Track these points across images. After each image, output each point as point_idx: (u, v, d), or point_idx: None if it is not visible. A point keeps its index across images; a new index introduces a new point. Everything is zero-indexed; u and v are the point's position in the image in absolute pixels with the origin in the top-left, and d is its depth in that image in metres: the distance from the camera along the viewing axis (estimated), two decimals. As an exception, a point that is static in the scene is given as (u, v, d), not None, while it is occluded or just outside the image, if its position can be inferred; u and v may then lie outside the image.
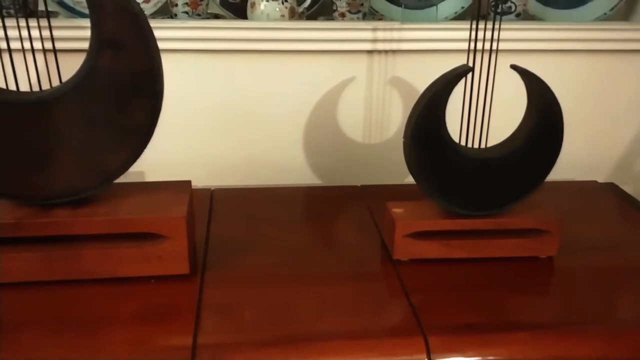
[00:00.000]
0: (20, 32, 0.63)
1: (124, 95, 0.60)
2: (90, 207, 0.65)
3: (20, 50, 0.62)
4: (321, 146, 0.98)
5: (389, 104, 0.96)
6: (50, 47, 0.63)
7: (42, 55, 0.64)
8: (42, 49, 0.63)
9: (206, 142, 0.95)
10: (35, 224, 0.62)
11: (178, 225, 0.65)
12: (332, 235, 0.82)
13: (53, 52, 0.63)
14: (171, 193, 0.70)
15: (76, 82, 0.60)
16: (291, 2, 0.93)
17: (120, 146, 0.63)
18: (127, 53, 0.58)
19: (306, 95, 0.94)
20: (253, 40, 0.89)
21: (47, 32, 0.64)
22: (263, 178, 0.98)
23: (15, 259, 0.63)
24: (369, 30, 0.89)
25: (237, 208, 0.87)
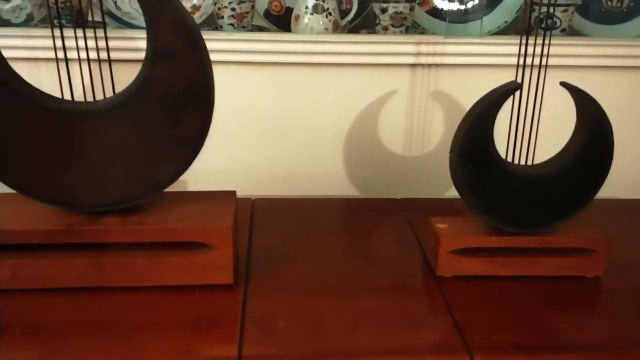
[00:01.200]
0: (76, 42, 0.65)
1: (177, 107, 0.61)
2: (138, 215, 0.66)
3: (74, 60, 0.64)
4: (361, 158, 0.98)
5: (431, 117, 0.95)
6: (96, 56, 0.64)
7: (97, 65, 0.65)
8: (98, 59, 0.65)
9: (247, 152, 0.96)
10: (86, 231, 0.64)
11: (224, 235, 0.65)
12: (372, 248, 0.82)
13: (108, 62, 0.64)
14: (217, 203, 0.70)
15: (130, 93, 0.61)
16: (335, 16, 0.94)
17: (171, 156, 0.64)
18: (181, 65, 0.59)
19: (348, 107, 0.94)
20: (297, 53, 0.89)
21: (93, 42, 0.65)
22: (302, 188, 0.99)
23: (66, 265, 0.65)
24: (413, 44, 0.89)
25: (277, 218, 0.88)
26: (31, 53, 0.90)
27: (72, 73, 0.90)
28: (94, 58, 0.65)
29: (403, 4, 0.93)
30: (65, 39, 0.79)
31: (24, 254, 0.65)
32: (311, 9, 0.93)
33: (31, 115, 0.61)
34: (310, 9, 0.93)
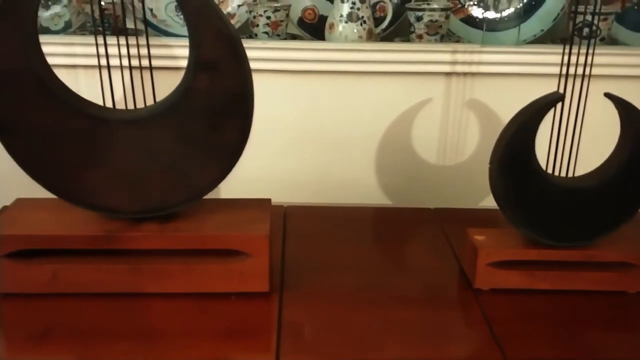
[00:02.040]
0: (119, 50, 0.65)
1: (217, 116, 0.62)
2: (176, 222, 0.67)
3: (113, 67, 0.65)
4: (393, 166, 0.97)
5: (465, 127, 0.94)
6: (137, 64, 0.65)
7: (135, 72, 0.66)
8: (139, 67, 0.66)
9: (278, 159, 0.97)
10: (125, 238, 0.65)
11: (261, 243, 0.65)
12: (407, 258, 0.81)
13: (149, 69, 0.65)
14: (253, 211, 0.71)
15: (172, 101, 0.61)
16: (369, 24, 0.94)
17: (210, 164, 0.64)
18: (222, 75, 0.60)
19: (381, 115, 0.94)
20: (331, 61, 0.89)
21: (133, 49, 0.66)
22: (333, 196, 0.98)
23: (105, 271, 0.65)
24: (449, 52, 0.89)
25: (310, 226, 0.88)
26: (70, 60, 0.91)
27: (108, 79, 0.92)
28: (132, 65, 0.66)
29: (438, 12, 0.93)
30: (100, 46, 0.80)
31: (64, 259, 0.66)
32: (346, 17, 0.93)
33: (75, 122, 0.61)
34: (345, 17, 0.93)
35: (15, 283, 0.65)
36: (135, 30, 0.79)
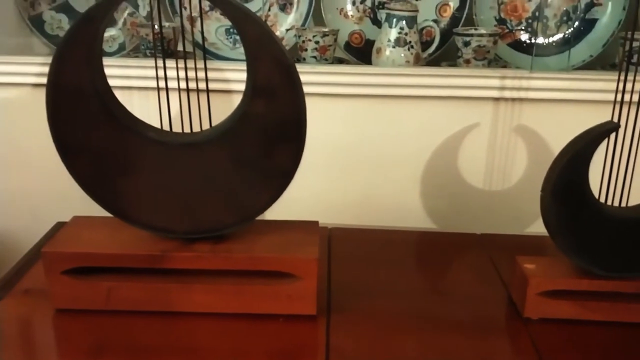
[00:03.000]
0: (177, 73, 0.68)
1: (271, 140, 0.63)
2: (228, 243, 0.68)
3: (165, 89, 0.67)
4: (439, 190, 0.97)
5: (513, 152, 0.94)
6: (188, 86, 0.67)
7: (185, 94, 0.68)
8: (196, 90, 0.68)
9: (323, 180, 0.98)
10: (179, 257, 0.66)
11: (310, 266, 0.66)
12: (453, 284, 0.81)
13: (206, 92, 0.67)
14: (301, 233, 0.71)
15: (228, 126, 0.63)
16: (417, 49, 0.94)
17: (263, 187, 0.65)
18: (278, 101, 0.61)
19: (428, 139, 0.94)
20: (379, 85, 0.90)
21: (183, 71, 0.68)
22: (377, 218, 0.99)
23: (159, 289, 0.67)
24: (497, 78, 0.88)
25: (354, 249, 0.88)
26: (125, 82, 0.94)
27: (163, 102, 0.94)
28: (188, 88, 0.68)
29: (486, 37, 0.93)
30: (159, 69, 0.83)
31: (119, 277, 0.67)
32: (393, 42, 0.94)
33: (134, 144, 0.64)
34: (393, 42, 0.94)
35: (72, 299, 0.67)
36: (186, 53, 0.81)
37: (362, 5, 1.04)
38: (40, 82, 0.95)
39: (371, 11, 1.05)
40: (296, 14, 1.04)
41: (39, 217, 1.03)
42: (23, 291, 0.73)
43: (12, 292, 0.72)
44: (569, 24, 1.00)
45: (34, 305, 0.70)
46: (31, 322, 0.68)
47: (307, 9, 1.02)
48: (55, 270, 0.66)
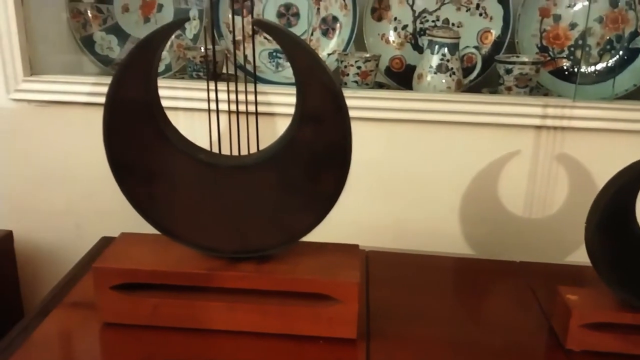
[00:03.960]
0: (228, 95, 0.70)
1: (317, 165, 0.64)
2: (271, 264, 0.69)
3: (212, 111, 0.69)
4: (477, 216, 0.97)
5: (555, 181, 0.93)
6: (233, 108, 0.69)
7: (240, 117, 0.70)
8: (246, 112, 0.70)
9: (361, 202, 0.98)
10: (224, 276, 0.68)
11: (351, 290, 0.67)
12: (491, 312, 0.80)
13: (255, 115, 0.69)
14: (342, 256, 0.72)
15: (276, 150, 0.65)
16: (458, 75, 0.95)
17: (307, 210, 0.67)
18: (325, 127, 0.63)
19: (467, 164, 0.95)
20: (420, 111, 0.91)
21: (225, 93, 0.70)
22: (414, 243, 0.99)
23: (203, 307, 0.68)
24: (540, 106, 0.89)
25: (392, 273, 0.89)
26: (171, 102, 0.97)
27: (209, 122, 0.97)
28: (234, 110, 0.70)
29: (529, 65, 0.93)
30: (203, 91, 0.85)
31: (164, 293, 0.69)
32: (435, 69, 0.95)
33: (184, 165, 0.66)
34: (435, 68, 0.95)
35: (118, 313, 0.69)
36: (231, 76, 0.83)
37: (403, 31, 1.06)
38: (91, 101, 0.98)
39: (412, 37, 1.06)
40: (338, 38, 1.06)
41: (83, 231, 1.07)
42: (71, 304, 0.75)
43: (61, 305, 0.75)
44: (612, 52, 1.00)
45: (81, 318, 0.72)
46: (79, 334, 0.70)
47: (349, 35, 1.04)
48: (104, 285, 0.68)
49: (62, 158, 1.03)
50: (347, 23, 1.04)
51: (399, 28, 1.06)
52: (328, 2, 1.05)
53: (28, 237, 1.07)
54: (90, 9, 1.10)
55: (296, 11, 1.07)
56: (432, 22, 1.04)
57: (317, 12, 1.06)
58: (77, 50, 1.11)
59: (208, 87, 0.70)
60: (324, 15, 1.06)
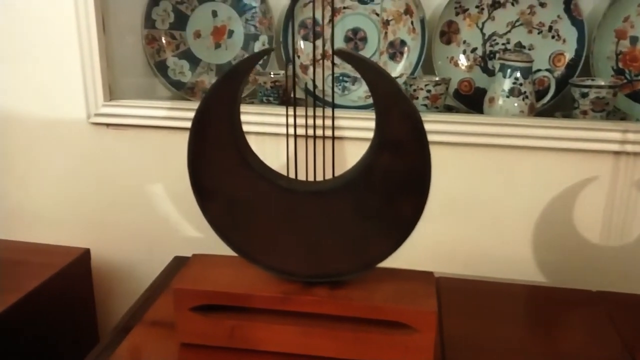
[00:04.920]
0: (306, 120, 0.71)
1: (395, 192, 0.64)
2: (346, 289, 0.69)
3: (295, 137, 0.70)
4: (551, 243, 0.95)
5: (634, 208, 0.90)
6: (300, 132, 0.70)
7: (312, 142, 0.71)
8: (329, 136, 0.71)
9: (431, 227, 0.97)
10: (300, 300, 0.68)
11: (429, 319, 0.66)
12: (569, 343, 0.78)
13: (332, 140, 0.70)
14: (418, 283, 0.72)
15: (353, 176, 0.65)
16: (531, 99, 0.94)
17: (384, 237, 0.67)
18: (404, 154, 0.63)
19: (542, 190, 0.92)
20: (493, 135, 0.90)
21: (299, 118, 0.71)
22: (486, 269, 0.97)
23: (279, 330, 0.69)
24: (619, 131, 0.86)
25: (464, 300, 0.87)
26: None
27: (279, 147, 0.99)
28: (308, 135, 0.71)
29: (606, 89, 0.91)
30: (273, 116, 0.87)
31: (241, 315, 0.70)
32: (507, 92, 0.94)
33: (264, 191, 0.67)
34: (507, 92, 0.94)
35: (197, 334, 0.71)
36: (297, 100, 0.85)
37: (472, 54, 1.05)
38: (166, 125, 1.02)
39: (482, 60, 1.05)
40: (405, 62, 1.07)
41: (155, 250, 1.10)
42: (150, 323, 0.77)
43: (141, 323, 0.77)
44: (693, 74, 0.96)
45: (160, 338, 0.74)
46: (158, 353, 0.72)
47: (417, 58, 1.04)
48: (184, 306, 0.70)
49: (136, 179, 1.07)
50: (415, 46, 1.04)
51: (468, 51, 1.05)
52: (396, 26, 1.06)
53: (103, 254, 1.11)
54: (165, 35, 1.14)
55: (364, 35, 1.08)
56: (502, 45, 1.03)
57: (384, 36, 1.07)
58: (151, 75, 1.16)
59: (287, 113, 0.71)
60: (392, 39, 1.07)
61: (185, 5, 1.13)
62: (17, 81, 1.05)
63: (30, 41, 1.02)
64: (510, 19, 1.02)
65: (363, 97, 1.08)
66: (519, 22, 1.02)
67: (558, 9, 1.00)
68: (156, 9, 1.12)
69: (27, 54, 1.03)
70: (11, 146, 1.09)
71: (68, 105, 1.04)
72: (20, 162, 1.10)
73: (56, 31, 1.00)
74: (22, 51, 1.03)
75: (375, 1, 1.05)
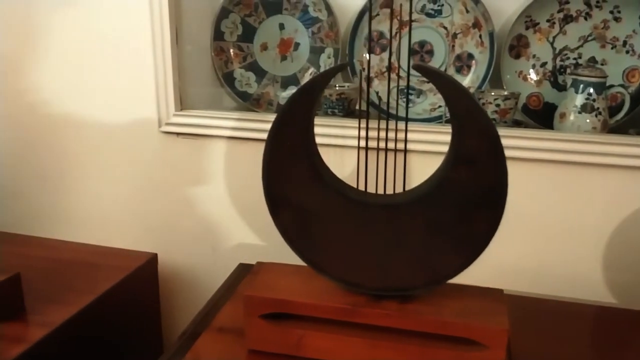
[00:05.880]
0: (379, 133, 0.71)
1: (469, 207, 0.64)
2: (415, 303, 0.69)
3: (367, 149, 0.71)
4: (622, 263, 0.91)
5: None
6: (366, 144, 0.70)
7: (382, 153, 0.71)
8: (401, 149, 0.71)
9: (499, 244, 0.96)
10: (367, 313, 0.68)
11: (500, 337, 0.65)
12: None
13: (404, 153, 0.70)
14: (487, 301, 0.71)
15: (426, 190, 0.65)
16: (604, 115, 0.91)
17: (456, 253, 0.66)
18: (480, 170, 0.62)
19: (614, 209, 0.90)
20: (564, 151, 0.88)
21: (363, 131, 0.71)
22: (553, 288, 0.95)
23: (345, 342, 0.69)
24: (700, 149, 0.83)
25: (530, 319, 0.85)
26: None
27: (343, 158, 0.99)
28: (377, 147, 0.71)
29: (684, 106, 0.88)
30: (338, 128, 0.88)
31: (308, 325, 0.71)
32: (580, 108, 0.92)
33: (335, 203, 0.68)
34: (579, 108, 0.92)
35: (265, 342, 0.72)
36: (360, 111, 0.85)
37: (542, 69, 1.04)
38: (233, 135, 1.04)
39: (551, 74, 1.03)
40: (473, 75, 1.06)
41: (218, 256, 1.12)
42: (217, 329, 0.79)
43: (209, 329, 0.79)
44: None
45: (228, 344, 0.75)
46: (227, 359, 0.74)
47: (485, 72, 1.03)
48: (254, 313, 0.71)
49: (202, 187, 1.10)
50: (483, 60, 1.03)
51: (538, 65, 1.04)
52: (463, 40, 1.06)
53: (168, 259, 1.14)
54: (233, 47, 1.17)
55: (430, 48, 1.08)
56: (573, 59, 1.01)
57: (451, 49, 1.07)
58: (217, 85, 1.19)
59: (359, 125, 0.72)
60: (459, 52, 1.06)
61: (254, 17, 1.16)
62: (94, 89, 1.09)
63: (108, 52, 1.07)
64: (583, 33, 1.00)
65: (428, 110, 1.08)
66: (591, 37, 0.99)
67: (633, 24, 0.97)
68: (225, 22, 1.16)
69: (105, 63, 1.07)
70: (85, 151, 1.14)
71: (141, 114, 1.08)
72: (92, 167, 1.14)
73: (132, 43, 1.04)
74: (101, 61, 1.07)
75: (443, 14, 1.05)
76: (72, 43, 1.08)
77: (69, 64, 1.09)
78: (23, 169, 1.18)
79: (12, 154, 1.18)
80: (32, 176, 1.18)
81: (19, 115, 1.15)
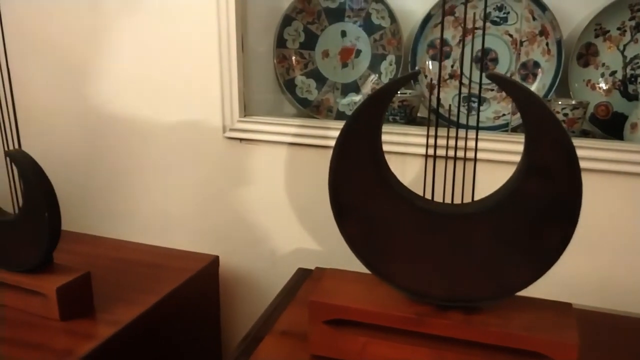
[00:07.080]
0: (447, 142, 0.71)
1: (541, 220, 0.63)
2: (482, 315, 0.68)
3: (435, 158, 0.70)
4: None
5: None
6: (431, 153, 0.69)
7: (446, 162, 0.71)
8: (470, 158, 0.70)
9: (565, 257, 0.93)
10: (433, 322, 0.68)
11: (570, 351, 0.64)
12: None
13: (474, 162, 0.69)
14: (556, 314, 0.69)
15: (496, 201, 0.64)
16: (680, 126, 0.88)
17: (525, 265, 0.65)
18: (553, 181, 0.61)
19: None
20: (635, 163, 0.85)
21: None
22: (619, 302, 0.92)
23: (410, 351, 0.69)
24: None
25: (597, 334, 0.83)
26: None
27: (405, 166, 0.99)
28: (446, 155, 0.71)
29: None
30: (401, 135, 0.87)
31: (372, 332, 0.71)
32: (653, 118, 0.89)
33: (402, 211, 0.68)
34: (652, 118, 0.89)
35: (328, 347, 0.72)
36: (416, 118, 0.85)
37: (611, 78, 1.01)
38: (295, 142, 1.05)
39: (621, 84, 1.00)
40: (538, 84, 1.04)
41: (277, 259, 1.14)
42: (280, 332, 0.80)
43: (271, 333, 0.80)
44: None
45: (290, 348, 0.76)
46: (291, 363, 0.75)
47: (552, 80, 1.01)
48: (318, 318, 0.72)
49: (264, 192, 1.11)
50: (550, 68, 1.01)
51: (607, 74, 1.01)
52: (529, 47, 1.04)
53: (229, 262, 1.16)
54: (294, 54, 1.19)
55: (494, 56, 1.06)
56: (645, 68, 0.98)
57: (517, 57, 1.05)
58: (279, 92, 1.20)
59: (427, 133, 0.72)
60: (524, 60, 1.05)
61: (316, 25, 1.17)
62: (162, 95, 1.13)
63: (175, 58, 1.10)
64: (656, 41, 0.97)
65: (492, 118, 1.06)
66: (665, 44, 0.96)
67: None
68: (288, 29, 1.17)
69: (172, 70, 1.11)
70: (150, 156, 1.17)
71: (205, 120, 1.11)
72: (157, 171, 1.18)
73: (199, 49, 1.07)
74: (168, 67, 1.11)
75: (509, 22, 1.03)
76: (138, 49, 1.12)
77: (136, 69, 1.13)
78: (92, 173, 1.23)
79: (82, 158, 1.23)
80: (100, 179, 1.23)
81: (87, 119, 1.20)
